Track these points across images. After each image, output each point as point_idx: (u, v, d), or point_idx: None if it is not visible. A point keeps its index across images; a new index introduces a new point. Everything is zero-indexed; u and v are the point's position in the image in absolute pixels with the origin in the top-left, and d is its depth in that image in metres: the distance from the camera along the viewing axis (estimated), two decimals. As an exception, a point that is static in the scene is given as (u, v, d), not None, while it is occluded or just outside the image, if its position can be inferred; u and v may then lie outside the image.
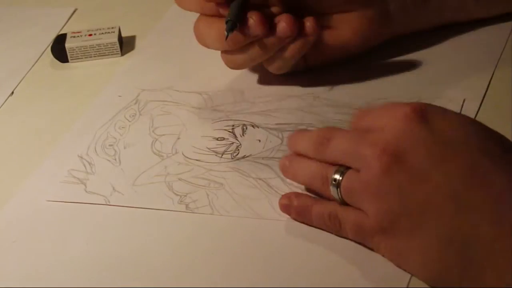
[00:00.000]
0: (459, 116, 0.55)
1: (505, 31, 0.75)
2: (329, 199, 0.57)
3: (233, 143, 0.68)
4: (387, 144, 0.52)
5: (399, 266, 0.54)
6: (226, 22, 0.67)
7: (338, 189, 0.56)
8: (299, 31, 0.68)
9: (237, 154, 0.67)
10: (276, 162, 0.64)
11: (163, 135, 0.70)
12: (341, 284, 0.54)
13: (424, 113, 0.53)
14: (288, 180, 0.62)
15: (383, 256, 0.55)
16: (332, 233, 0.57)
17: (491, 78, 0.70)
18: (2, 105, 0.76)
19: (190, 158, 0.67)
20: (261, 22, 0.67)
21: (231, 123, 0.70)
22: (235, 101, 0.73)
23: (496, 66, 0.71)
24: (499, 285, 0.48)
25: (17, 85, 0.79)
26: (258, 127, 0.69)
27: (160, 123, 0.71)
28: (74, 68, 0.81)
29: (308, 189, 0.61)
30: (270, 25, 0.68)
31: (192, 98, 0.74)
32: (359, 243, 0.56)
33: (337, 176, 0.56)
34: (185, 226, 0.61)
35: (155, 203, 0.63)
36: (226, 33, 0.67)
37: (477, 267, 0.49)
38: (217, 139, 0.69)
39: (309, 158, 0.59)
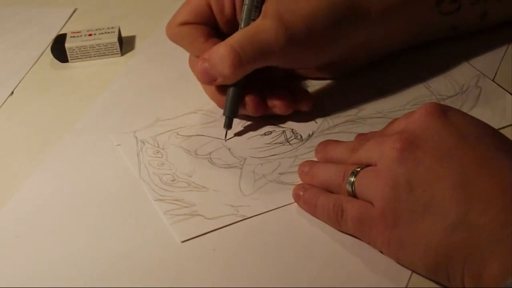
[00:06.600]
0: (476, 119, 0.56)
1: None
2: None
3: (283, 130, 0.66)
4: (404, 135, 0.54)
5: (397, 259, 0.54)
6: (225, 117, 0.66)
7: (353, 182, 0.56)
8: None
9: (301, 136, 0.65)
10: (341, 133, 0.65)
11: (211, 152, 0.66)
12: (340, 284, 0.55)
13: (444, 111, 0.55)
14: None
15: (379, 250, 0.55)
16: (332, 225, 0.58)
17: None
18: (2, 105, 0.76)
19: (264, 157, 0.64)
20: (256, 108, 0.67)
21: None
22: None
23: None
24: (502, 271, 0.48)
25: (17, 85, 0.79)
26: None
27: (193, 146, 0.67)
28: (74, 68, 0.81)
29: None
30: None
31: (192, 119, 0.70)
32: (357, 239, 0.57)
33: (356, 170, 0.57)
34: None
35: (283, 200, 0.61)
36: (224, 128, 0.66)
37: (482, 253, 0.49)
38: (265, 134, 0.66)
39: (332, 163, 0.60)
